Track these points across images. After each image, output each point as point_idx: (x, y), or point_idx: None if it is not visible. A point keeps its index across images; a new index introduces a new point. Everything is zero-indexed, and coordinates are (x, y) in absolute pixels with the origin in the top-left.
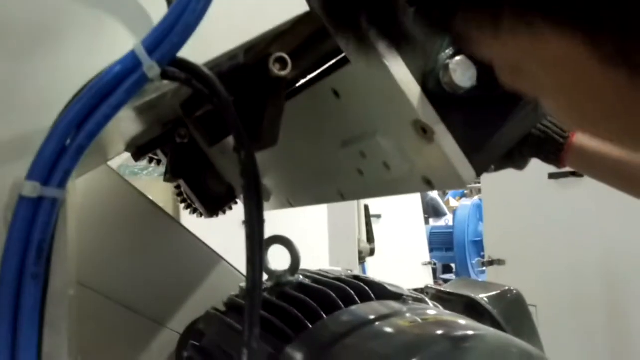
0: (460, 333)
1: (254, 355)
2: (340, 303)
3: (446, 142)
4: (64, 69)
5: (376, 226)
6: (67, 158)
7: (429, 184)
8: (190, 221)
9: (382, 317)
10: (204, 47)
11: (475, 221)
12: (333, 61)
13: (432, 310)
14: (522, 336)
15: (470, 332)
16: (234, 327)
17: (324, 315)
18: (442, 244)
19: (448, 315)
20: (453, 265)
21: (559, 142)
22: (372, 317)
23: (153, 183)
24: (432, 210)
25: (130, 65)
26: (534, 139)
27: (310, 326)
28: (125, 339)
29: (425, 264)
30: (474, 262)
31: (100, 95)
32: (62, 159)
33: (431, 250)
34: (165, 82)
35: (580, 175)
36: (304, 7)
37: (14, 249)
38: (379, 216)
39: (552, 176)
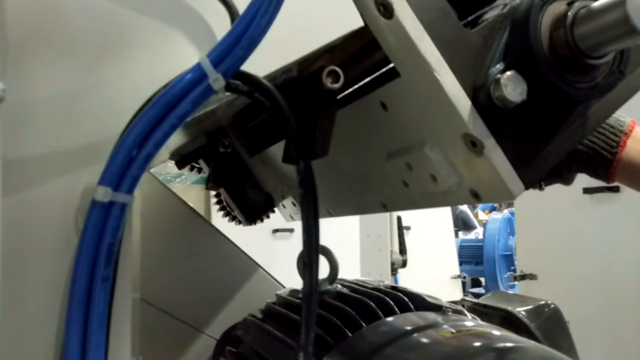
0: (501, 345)
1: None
2: (380, 313)
3: (496, 155)
4: (130, 79)
5: (405, 238)
6: (136, 166)
7: (477, 197)
8: (221, 228)
9: (421, 328)
10: (261, 61)
11: (505, 235)
12: (382, 71)
13: (471, 322)
14: (559, 351)
15: (511, 344)
16: (273, 334)
17: (364, 325)
18: (471, 258)
19: (488, 327)
20: (482, 279)
21: (607, 158)
22: (411, 328)
23: (185, 190)
24: (461, 223)
25: (196, 77)
26: (582, 154)
27: (350, 335)
28: (163, 343)
29: (455, 277)
30: (504, 276)
31: (168, 106)
32: (131, 166)
33: (460, 263)
34: (228, 93)
35: (616, 190)
36: (358, 23)
37: (86, 252)
38: (408, 228)
39: (586, 191)
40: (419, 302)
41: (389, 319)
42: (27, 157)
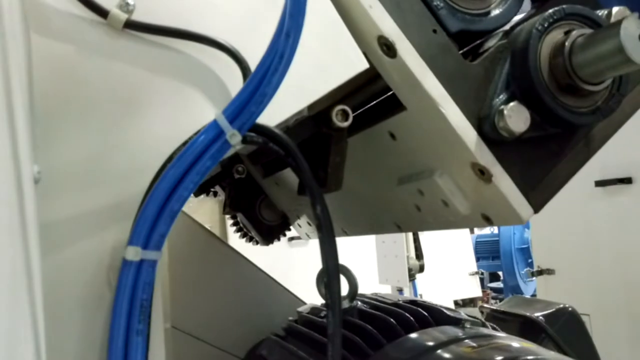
0: (521, 358)
1: None
2: (401, 330)
3: (504, 182)
4: (150, 137)
5: (421, 238)
6: (162, 223)
7: (488, 221)
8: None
9: (442, 344)
10: (275, 110)
11: (520, 228)
12: (389, 98)
13: (490, 334)
14: (580, 353)
15: (530, 357)
16: (297, 354)
17: (385, 343)
18: (488, 253)
19: (506, 339)
20: (500, 273)
21: None
22: (432, 344)
23: (201, 204)
24: None
25: (213, 134)
26: None
27: (372, 353)
28: None
29: (473, 274)
30: (522, 272)
31: (189, 163)
32: (157, 224)
33: (477, 259)
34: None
35: (628, 182)
36: (364, 65)
37: (121, 309)
38: None
39: (598, 183)
40: (438, 316)
41: (411, 335)
42: (59, 219)
